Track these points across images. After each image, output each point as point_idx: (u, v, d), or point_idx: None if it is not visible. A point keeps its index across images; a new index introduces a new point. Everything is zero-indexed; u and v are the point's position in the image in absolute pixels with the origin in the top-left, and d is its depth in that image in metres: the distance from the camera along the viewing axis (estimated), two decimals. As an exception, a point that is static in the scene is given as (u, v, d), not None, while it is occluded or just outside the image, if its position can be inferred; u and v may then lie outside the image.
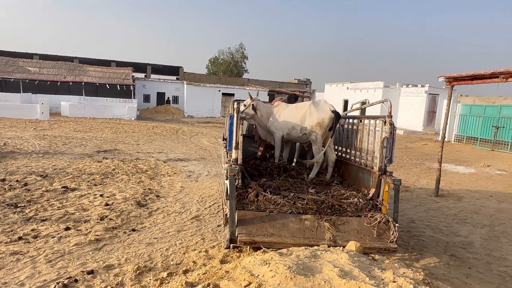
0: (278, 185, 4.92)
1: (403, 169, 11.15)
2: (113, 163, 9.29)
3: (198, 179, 8.32)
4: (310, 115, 5.44)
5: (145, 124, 20.92)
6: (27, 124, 17.33)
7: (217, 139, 15.89)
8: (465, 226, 5.98)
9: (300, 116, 5.58)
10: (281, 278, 2.64)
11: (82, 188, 6.83)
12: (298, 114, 5.61)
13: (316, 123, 5.36)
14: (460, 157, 14.55)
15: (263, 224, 3.90)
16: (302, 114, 5.55)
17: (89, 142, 12.77)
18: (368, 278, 2.70)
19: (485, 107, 17.93)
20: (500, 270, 4.37)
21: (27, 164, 8.58)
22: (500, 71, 6.80)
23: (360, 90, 29.11)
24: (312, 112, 5.45)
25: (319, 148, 5.46)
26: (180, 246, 4.54)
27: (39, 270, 3.73)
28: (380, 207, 4.34)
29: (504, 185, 9.51)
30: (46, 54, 34.11)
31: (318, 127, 5.36)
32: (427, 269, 4.20)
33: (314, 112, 5.44)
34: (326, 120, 5.33)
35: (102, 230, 4.85)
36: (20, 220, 5.02)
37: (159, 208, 6.01)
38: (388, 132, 4.42)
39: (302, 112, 5.58)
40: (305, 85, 45.46)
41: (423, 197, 7.80)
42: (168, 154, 11.50)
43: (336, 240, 3.83)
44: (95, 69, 30.72)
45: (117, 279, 3.61)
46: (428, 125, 25.69)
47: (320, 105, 5.51)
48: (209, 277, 3.26)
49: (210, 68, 52.97)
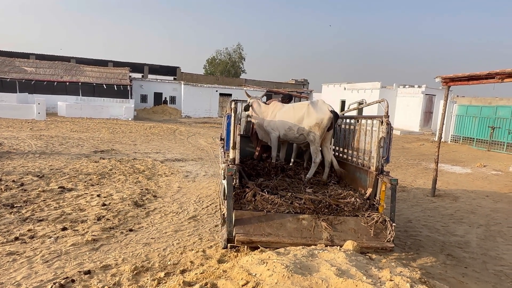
0: (276, 185, 4.93)
1: (400, 169, 11.19)
2: (110, 163, 9.27)
3: (196, 179, 8.31)
4: (309, 116, 5.41)
5: (142, 124, 20.87)
6: (23, 124, 17.24)
7: (215, 139, 15.89)
8: (461, 225, 6.01)
9: (298, 116, 5.54)
10: (278, 277, 2.65)
11: (79, 188, 6.81)
12: (296, 115, 5.57)
13: (315, 124, 5.34)
14: (457, 157, 14.62)
15: (261, 224, 3.90)
16: (300, 114, 5.51)
17: (86, 142, 12.73)
18: (365, 277, 2.71)
19: (481, 108, 18.03)
20: (496, 270, 4.39)
21: (24, 164, 8.54)
22: (496, 71, 6.84)
23: (357, 90, 29.19)
24: (311, 112, 5.42)
25: (316, 148, 5.45)
26: (177, 246, 4.54)
27: (35, 271, 3.71)
28: (377, 206, 4.36)
29: (500, 185, 9.56)
30: (42, 54, 34.01)
31: (317, 127, 5.34)
32: (423, 268, 4.22)
33: (313, 112, 5.41)
34: (325, 120, 5.32)
35: (99, 230, 4.84)
36: (16, 221, 5.00)
37: (157, 208, 6.00)
38: (385, 132, 4.44)
39: (300, 112, 5.53)
40: (303, 86, 45.53)
41: (420, 197, 7.83)
42: (165, 154, 11.48)
43: (333, 239, 3.84)
44: (92, 69, 30.64)
45: (114, 279, 3.61)
46: (424, 125, 25.81)
47: (318, 106, 5.49)
48: (206, 277, 3.26)
49: (207, 68, 52.94)
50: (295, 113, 5.61)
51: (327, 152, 5.67)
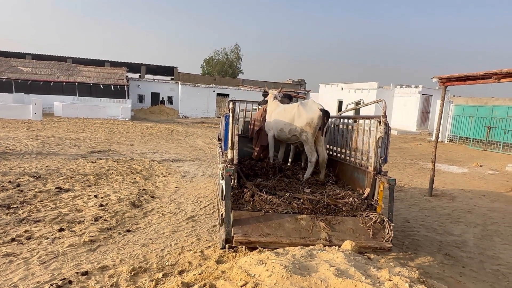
0: (274, 185, 4.93)
1: (397, 169, 11.22)
2: (107, 163, 9.23)
3: (193, 179, 8.29)
4: (299, 116, 5.48)
5: (140, 125, 20.81)
6: (19, 125, 17.13)
7: (212, 139, 15.86)
8: (458, 225, 6.03)
9: (289, 117, 5.63)
10: (277, 278, 2.64)
11: (76, 189, 6.77)
12: (287, 116, 5.67)
13: (306, 123, 5.40)
14: (453, 157, 14.69)
15: (259, 224, 3.90)
16: (291, 115, 5.60)
17: (82, 143, 12.66)
18: (364, 277, 2.71)
19: (477, 108, 18.12)
20: (493, 269, 4.41)
21: (20, 165, 8.48)
22: (492, 72, 6.87)
23: (354, 90, 29.26)
24: (301, 112, 5.50)
25: (311, 147, 5.50)
26: (175, 246, 4.52)
27: (32, 272, 3.69)
28: (375, 206, 4.36)
29: (497, 185, 9.61)
30: (38, 54, 33.79)
31: (308, 127, 5.40)
32: (421, 268, 4.23)
33: (303, 112, 5.48)
34: (315, 119, 5.37)
35: (96, 231, 4.81)
36: (13, 221, 4.96)
37: (154, 209, 5.98)
38: (383, 132, 4.44)
39: (291, 113, 5.63)
40: (300, 86, 45.56)
41: (417, 196, 7.85)
42: (162, 154, 11.45)
43: (332, 239, 3.84)
44: (88, 69, 30.49)
45: (112, 280, 3.59)
46: (421, 125, 25.91)
47: (308, 105, 5.56)
48: (205, 277, 3.25)
49: (205, 68, 52.85)
50: (286, 114, 5.71)
51: (321, 151, 5.70)
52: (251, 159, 6.59)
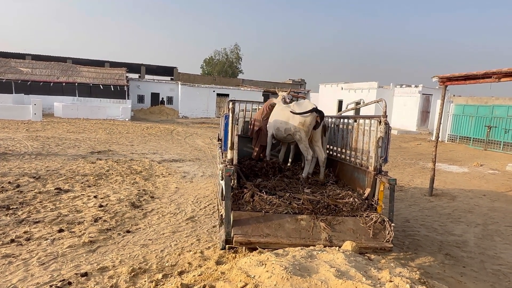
0: (274, 185, 4.92)
1: (398, 169, 11.20)
2: (107, 164, 9.22)
3: (193, 179, 8.28)
4: (293, 116, 5.51)
5: (139, 125, 20.79)
6: (19, 125, 17.12)
7: (212, 139, 15.85)
8: (459, 225, 6.02)
9: (284, 117, 5.70)
10: (277, 279, 2.63)
11: (76, 190, 6.76)
12: (283, 116, 5.74)
13: (299, 123, 5.45)
14: (454, 156, 14.67)
15: (259, 225, 3.88)
16: (286, 115, 5.65)
17: (82, 143, 12.65)
18: (364, 278, 2.69)
19: (477, 107, 18.10)
20: (494, 269, 4.40)
21: (20, 166, 8.47)
22: (492, 71, 6.86)
23: (354, 90, 29.24)
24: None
25: (305, 146, 5.55)
26: (175, 247, 4.51)
27: (32, 273, 3.67)
28: (375, 206, 4.35)
29: (497, 184, 9.60)
30: (38, 55, 33.75)
31: (301, 126, 5.44)
32: (422, 268, 4.22)
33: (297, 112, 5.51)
34: (309, 119, 5.39)
35: (96, 232, 4.80)
36: (12, 222, 4.95)
37: (154, 209, 5.96)
38: (383, 132, 4.43)
39: (286, 113, 5.68)
40: (300, 86, 45.54)
41: (417, 196, 7.84)
42: (162, 155, 11.44)
43: (332, 240, 3.82)
44: (88, 70, 30.48)
45: (111, 281, 3.57)
46: (421, 125, 25.89)
47: (303, 105, 5.61)
48: (204, 278, 3.24)
49: (204, 68, 52.85)
50: (282, 115, 5.78)
51: (319, 151, 5.71)
52: (251, 159, 6.58)
